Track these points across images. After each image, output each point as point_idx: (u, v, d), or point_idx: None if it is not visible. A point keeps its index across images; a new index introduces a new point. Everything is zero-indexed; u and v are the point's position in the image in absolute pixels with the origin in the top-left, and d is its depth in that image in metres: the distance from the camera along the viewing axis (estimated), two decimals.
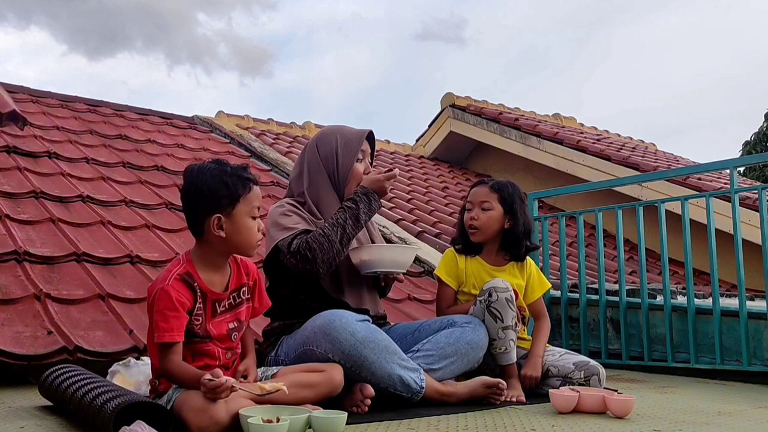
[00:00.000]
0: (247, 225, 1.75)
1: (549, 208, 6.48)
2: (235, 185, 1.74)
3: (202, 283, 1.74)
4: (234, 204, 1.74)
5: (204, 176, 1.76)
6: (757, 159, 4.37)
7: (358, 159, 2.32)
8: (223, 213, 1.73)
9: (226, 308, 1.79)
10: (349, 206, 2.16)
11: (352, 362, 1.90)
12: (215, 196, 1.73)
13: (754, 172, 14.52)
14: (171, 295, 1.66)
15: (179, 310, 1.66)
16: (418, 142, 7.90)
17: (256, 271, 1.91)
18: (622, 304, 3.28)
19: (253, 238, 1.77)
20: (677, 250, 3.69)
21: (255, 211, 1.77)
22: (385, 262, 2.19)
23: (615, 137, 8.41)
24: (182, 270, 1.73)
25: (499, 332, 2.23)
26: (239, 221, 1.74)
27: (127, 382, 2.09)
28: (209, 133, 6.14)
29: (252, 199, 1.76)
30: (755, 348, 2.86)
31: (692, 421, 1.95)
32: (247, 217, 1.75)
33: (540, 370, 2.31)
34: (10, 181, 3.57)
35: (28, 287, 2.53)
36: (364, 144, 2.34)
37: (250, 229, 1.76)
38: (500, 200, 2.45)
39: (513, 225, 2.45)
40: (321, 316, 1.99)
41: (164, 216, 3.73)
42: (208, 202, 1.74)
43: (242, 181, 1.76)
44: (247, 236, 1.76)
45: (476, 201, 2.47)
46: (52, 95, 5.77)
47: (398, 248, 2.30)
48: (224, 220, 1.73)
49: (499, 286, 2.25)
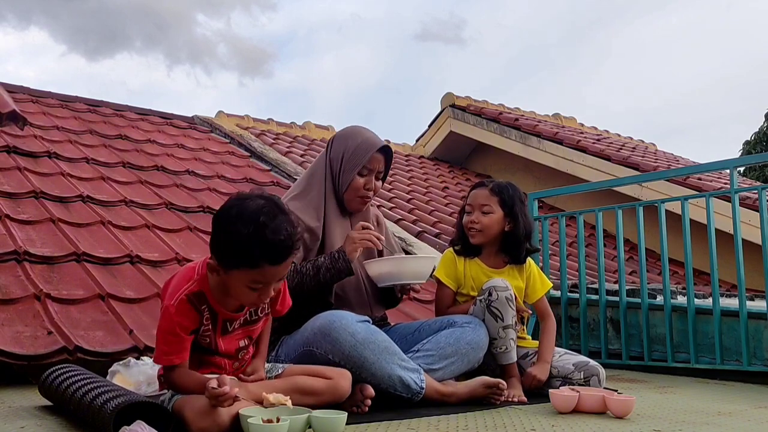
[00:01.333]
0: (238, 289, 1.61)
1: (549, 208, 6.48)
2: (243, 257, 1.56)
3: (214, 302, 1.66)
4: (231, 267, 1.58)
5: (237, 222, 1.56)
6: (757, 159, 4.37)
7: (361, 173, 2.28)
8: (221, 263, 1.60)
9: (239, 324, 1.74)
10: (318, 259, 2.12)
11: (352, 363, 1.90)
12: (221, 247, 1.60)
13: (754, 172, 14.52)
14: (173, 319, 1.60)
15: (180, 335, 1.62)
16: (418, 142, 7.90)
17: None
18: (622, 304, 3.28)
19: (242, 300, 1.65)
20: (677, 250, 3.69)
21: (257, 284, 1.60)
22: (406, 274, 2.17)
23: (615, 137, 8.41)
24: (193, 288, 1.64)
25: (500, 331, 2.23)
26: (231, 281, 1.61)
27: (127, 382, 2.09)
28: (209, 133, 6.14)
29: (255, 275, 1.58)
30: (755, 348, 2.86)
31: (692, 421, 1.95)
32: (242, 286, 1.60)
33: (547, 375, 2.30)
34: (10, 181, 3.57)
35: (28, 287, 2.53)
36: (372, 158, 2.28)
37: (240, 293, 1.62)
38: (500, 203, 2.44)
39: (513, 228, 2.43)
40: (321, 317, 1.98)
41: (164, 216, 3.73)
42: (217, 246, 1.61)
43: (257, 260, 1.55)
44: (236, 295, 1.64)
45: (476, 204, 2.45)
46: (52, 95, 5.77)
47: (418, 259, 2.26)
48: (220, 269, 1.60)
49: (499, 285, 2.25)
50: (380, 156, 2.32)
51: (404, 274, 2.17)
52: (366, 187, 2.29)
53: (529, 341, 2.49)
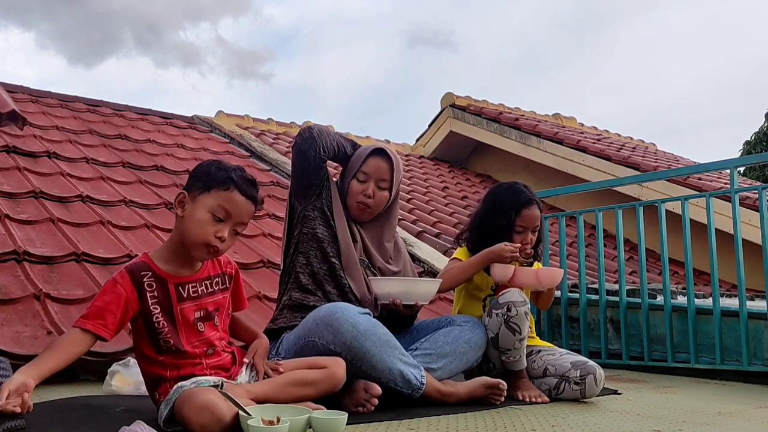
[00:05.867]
0: (201, 217, 1.67)
1: (549, 208, 6.47)
2: (217, 178, 1.70)
3: (159, 270, 1.69)
4: (203, 191, 1.69)
5: (211, 162, 1.77)
6: (757, 159, 4.36)
7: (358, 178, 2.28)
8: (190, 194, 1.71)
9: (194, 295, 1.73)
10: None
11: (354, 354, 1.89)
12: (197, 176, 1.73)
13: (754, 172, 14.52)
14: (109, 286, 1.65)
15: (108, 305, 1.62)
16: (418, 142, 7.90)
17: (237, 267, 1.87)
18: (623, 304, 3.27)
19: (200, 235, 1.67)
20: (677, 250, 3.69)
21: (220, 211, 1.68)
22: (414, 296, 2.16)
23: (615, 137, 8.41)
24: (135, 261, 1.72)
25: (516, 343, 2.22)
26: (196, 209, 1.68)
27: (126, 382, 2.09)
28: (209, 133, 6.14)
29: (224, 199, 1.68)
30: (755, 348, 2.86)
31: (692, 421, 1.95)
32: (205, 210, 1.67)
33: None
34: (10, 181, 3.57)
35: (28, 287, 2.53)
36: (368, 163, 2.27)
37: (201, 223, 1.67)
38: (541, 220, 2.50)
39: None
40: (323, 308, 1.98)
41: (164, 216, 3.73)
42: (190, 179, 1.75)
43: (227, 180, 1.69)
44: (195, 227, 1.67)
45: (531, 226, 2.44)
46: (52, 95, 5.77)
47: (426, 282, 2.27)
48: (187, 199, 1.71)
49: (517, 300, 2.22)
50: (381, 163, 2.28)
51: (412, 295, 2.16)
52: (364, 193, 2.27)
53: (537, 340, 2.50)
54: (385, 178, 2.29)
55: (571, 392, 2.22)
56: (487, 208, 2.49)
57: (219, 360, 1.75)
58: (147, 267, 1.70)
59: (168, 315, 1.69)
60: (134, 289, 1.66)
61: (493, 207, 2.47)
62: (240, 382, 1.74)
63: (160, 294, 1.69)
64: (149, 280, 1.68)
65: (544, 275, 2.36)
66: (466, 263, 2.41)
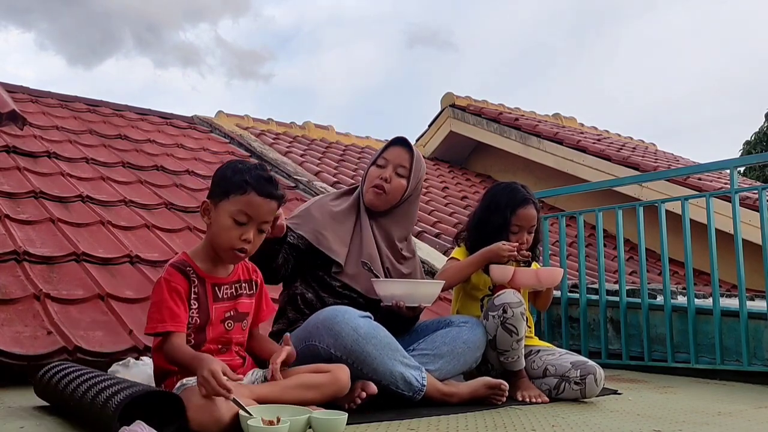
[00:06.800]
0: (224, 223, 1.72)
1: (549, 208, 6.48)
2: (233, 182, 1.73)
3: (198, 269, 1.75)
4: (222, 197, 1.73)
5: (228, 165, 1.79)
6: (757, 159, 4.37)
7: (378, 164, 2.32)
8: (212, 201, 1.76)
9: (227, 296, 1.79)
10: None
11: (354, 358, 1.89)
12: (216, 183, 1.77)
13: (754, 172, 14.52)
14: (164, 283, 1.68)
15: (174, 299, 1.66)
16: (418, 142, 7.89)
17: (262, 276, 1.91)
18: (623, 304, 3.27)
19: (226, 240, 1.72)
20: (677, 250, 3.69)
21: (241, 215, 1.71)
22: (417, 298, 2.15)
23: (615, 137, 8.42)
24: (177, 259, 1.76)
25: (513, 344, 2.22)
26: (219, 216, 1.73)
27: None
28: (209, 133, 6.14)
29: (242, 203, 1.71)
30: (755, 348, 2.86)
31: (692, 421, 1.95)
32: (228, 217, 1.71)
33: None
34: (10, 181, 3.57)
35: (28, 287, 2.53)
36: (389, 151, 2.33)
37: (225, 229, 1.72)
38: (539, 220, 2.50)
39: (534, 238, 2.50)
40: (323, 311, 1.98)
41: (164, 216, 3.73)
42: (211, 185, 1.79)
43: (242, 184, 1.72)
44: (221, 234, 1.73)
45: (527, 225, 2.44)
46: (52, 95, 5.76)
47: (429, 285, 2.26)
48: (211, 206, 1.76)
49: (513, 301, 2.21)
50: (402, 152, 2.33)
51: (415, 297, 2.16)
52: (381, 176, 2.29)
53: (536, 340, 2.50)
54: (405, 165, 2.32)
55: (571, 392, 2.23)
56: (484, 207, 2.50)
57: (230, 360, 1.76)
58: (189, 264, 1.75)
59: (203, 313, 1.73)
60: (185, 281, 1.72)
61: (489, 206, 2.48)
62: (245, 382, 1.75)
63: (200, 291, 1.74)
64: (193, 276, 1.74)
65: (545, 275, 2.36)
66: (463, 263, 2.41)
